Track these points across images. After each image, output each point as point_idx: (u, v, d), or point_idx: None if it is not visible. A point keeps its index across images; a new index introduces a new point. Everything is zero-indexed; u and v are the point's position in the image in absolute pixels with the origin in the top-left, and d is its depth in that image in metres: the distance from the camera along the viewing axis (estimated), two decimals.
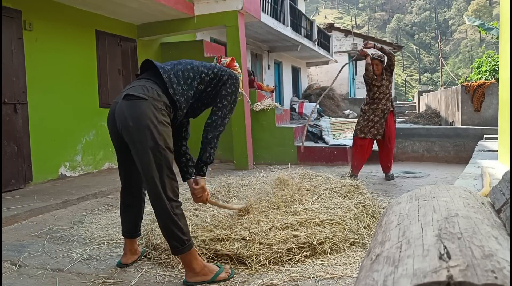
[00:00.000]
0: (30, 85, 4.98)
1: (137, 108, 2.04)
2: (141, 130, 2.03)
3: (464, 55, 63.95)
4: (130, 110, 2.06)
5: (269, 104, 7.21)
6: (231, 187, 3.92)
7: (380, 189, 4.68)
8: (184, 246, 2.14)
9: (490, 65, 10.69)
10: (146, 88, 2.10)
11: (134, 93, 2.08)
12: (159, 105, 2.08)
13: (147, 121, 2.03)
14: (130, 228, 2.50)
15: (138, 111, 2.04)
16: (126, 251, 2.51)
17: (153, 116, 2.04)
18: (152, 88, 2.10)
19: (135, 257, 2.54)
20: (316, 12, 74.04)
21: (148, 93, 2.07)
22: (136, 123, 2.03)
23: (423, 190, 1.23)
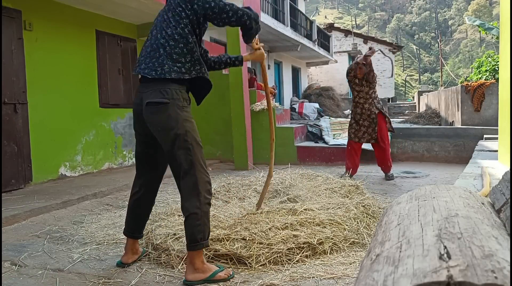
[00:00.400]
0: (30, 85, 4.98)
1: (162, 113, 2.16)
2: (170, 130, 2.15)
3: (464, 55, 63.97)
4: (156, 116, 2.18)
5: None
6: (231, 187, 3.92)
7: (380, 189, 4.68)
8: (203, 242, 2.19)
9: (490, 65, 10.69)
10: (165, 90, 2.17)
11: (154, 99, 2.17)
12: (180, 103, 2.20)
13: (173, 123, 2.15)
14: (133, 228, 2.50)
15: (164, 116, 2.16)
16: (127, 250, 2.51)
17: (178, 115, 2.17)
18: (169, 89, 2.18)
19: (136, 257, 2.53)
20: (316, 12, 74.04)
21: (167, 95, 2.17)
22: (165, 126, 2.16)
23: (423, 190, 1.23)
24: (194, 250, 2.19)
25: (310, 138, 7.93)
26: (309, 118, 11.27)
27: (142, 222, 2.54)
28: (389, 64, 23.09)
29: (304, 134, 7.92)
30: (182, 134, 2.17)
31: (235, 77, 6.56)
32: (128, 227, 2.52)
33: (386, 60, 22.96)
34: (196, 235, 2.17)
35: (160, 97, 2.17)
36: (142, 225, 2.55)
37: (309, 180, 3.90)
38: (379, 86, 20.82)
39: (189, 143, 2.20)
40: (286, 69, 14.31)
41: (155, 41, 2.24)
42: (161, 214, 3.23)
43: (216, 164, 7.09)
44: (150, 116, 2.20)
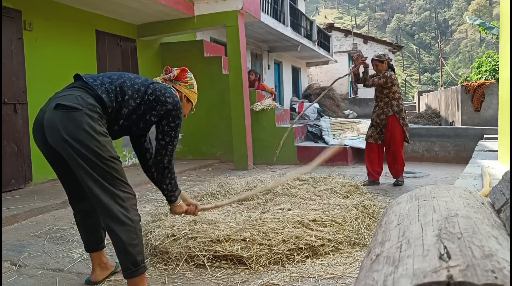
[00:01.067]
0: (30, 85, 4.98)
1: (72, 119, 1.82)
2: (79, 143, 1.82)
3: (464, 55, 63.98)
4: (64, 122, 1.83)
5: (269, 104, 7.22)
6: (231, 187, 3.92)
7: (380, 189, 4.68)
8: (136, 268, 1.93)
9: (490, 65, 10.69)
10: (81, 97, 1.88)
11: (67, 103, 1.84)
12: (95, 115, 1.88)
13: (85, 134, 1.82)
14: (91, 240, 2.24)
15: (74, 123, 1.82)
16: (93, 267, 2.27)
17: (90, 127, 1.83)
18: (88, 98, 1.89)
19: (107, 273, 2.30)
20: (316, 12, 74.05)
21: (82, 103, 1.86)
22: (74, 136, 1.81)
23: (423, 190, 1.23)
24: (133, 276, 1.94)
25: (310, 138, 7.93)
26: (309, 118, 11.27)
27: (96, 231, 2.25)
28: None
29: (304, 134, 7.92)
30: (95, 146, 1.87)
31: (235, 77, 6.56)
32: (85, 242, 2.26)
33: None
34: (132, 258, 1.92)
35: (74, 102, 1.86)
36: (98, 234, 2.26)
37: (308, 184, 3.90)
38: None
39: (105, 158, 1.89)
40: (286, 69, 14.31)
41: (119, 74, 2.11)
42: (160, 214, 3.23)
43: (216, 164, 7.09)
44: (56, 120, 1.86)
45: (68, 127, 1.82)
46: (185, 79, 2.32)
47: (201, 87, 8.47)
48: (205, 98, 7.36)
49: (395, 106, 4.82)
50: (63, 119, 1.83)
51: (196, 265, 2.43)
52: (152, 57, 7.38)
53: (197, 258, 2.44)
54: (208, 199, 3.58)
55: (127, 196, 1.94)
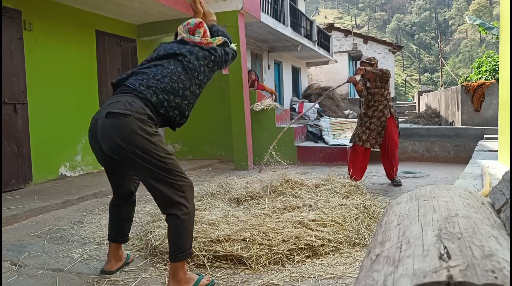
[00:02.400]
0: (30, 85, 4.98)
1: (124, 125, 1.92)
2: (135, 147, 1.92)
3: (464, 55, 63.97)
4: (116, 129, 1.92)
5: (269, 104, 7.22)
6: (231, 187, 3.92)
7: (380, 189, 4.68)
8: (185, 253, 2.06)
9: (490, 65, 10.69)
10: (129, 103, 1.97)
11: (116, 110, 1.94)
12: (144, 117, 1.97)
13: (139, 137, 1.92)
14: (118, 231, 2.38)
15: (126, 129, 1.91)
16: (110, 257, 2.39)
17: (142, 130, 1.93)
18: (135, 102, 1.98)
19: (120, 264, 2.42)
20: (316, 12, 74.05)
21: (131, 108, 1.95)
22: (129, 141, 1.91)
23: (423, 190, 1.23)
24: (181, 260, 2.06)
25: (310, 138, 7.93)
26: (309, 118, 11.27)
27: (125, 225, 2.40)
28: (388, 64, 23.09)
29: (304, 134, 7.92)
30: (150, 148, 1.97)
31: (235, 77, 6.57)
32: (113, 232, 2.39)
33: (386, 60, 22.97)
34: (185, 244, 2.05)
35: (123, 108, 1.95)
36: (127, 228, 2.42)
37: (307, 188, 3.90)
38: None
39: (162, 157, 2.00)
40: (286, 69, 14.30)
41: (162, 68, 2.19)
42: (160, 214, 3.22)
43: (216, 164, 7.09)
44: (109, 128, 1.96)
45: (122, 134, 1.92)
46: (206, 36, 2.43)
47: None
48: (205, 98, 7.35)
49: (392, 107, 4.88)
50: (115, 126, 1.93)
51: (196, 265, 2.43)
52: None
53: (197, 258, 2.44)
54: (208, 199, 3.58)
55: (187, 186, 2.07)
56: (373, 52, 22.73)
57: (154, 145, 1.96)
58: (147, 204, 4.12)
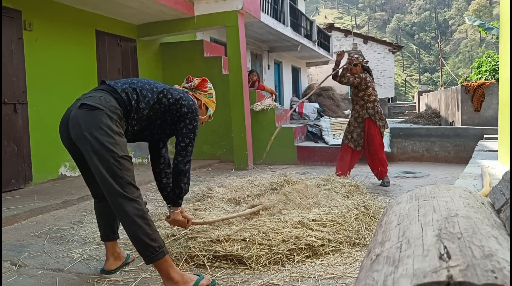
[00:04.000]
0: (30, 85, 4.98)
1: (93, 117, 1.99)
2: (97, 139, 1.96)
3: (464, 55, 63.97)
4: (85, 119, 1.99)
5: (269, 104, 7.22)
6: (231, 187, 3.92)
7: (380, 189, 4.68)
8: (156, 253, 2.01)
9: (490, 65, 10.69)
10: (104, 98, 2.05)
11: (90, 102, 2.01)
12: (115, 116, 2.03)
13: (102, 131, 1.97)
14: (106, 230, 2.39)
15: (94, 121, 1.98)
16: (108, 256, 2.39)
17: (108, 127, 1.99)
18: (110, 100, 2.05)
19: (119, 263, 2.42)
20: (316, 12, 74.06)
21: (104, 104, 2.02)
22: (91, 132, 1.97)
23: (423, 190, 1.23)
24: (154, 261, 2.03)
25: (310, 138, 7.93)
26: (309, 118, 11.27)
27: (111, 222, 2.39)
28: (389, 64, 23.09)
29: (304, 134, 7.92)
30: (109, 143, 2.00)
31: (235, 77, 6.57)
32: (102, 231, 2.40)
33: (386, 60, 22.95)
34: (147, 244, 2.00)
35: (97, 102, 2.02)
36: (113, 225, 2.40)
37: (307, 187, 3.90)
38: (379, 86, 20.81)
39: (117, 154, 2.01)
40: (286, 69, 14.31)
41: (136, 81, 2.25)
42: (160, 214, 3.23)
43: (216, 164, 7.09)
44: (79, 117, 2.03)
45: (88, 124, 1.98)
46: (205, 89, 2.51)
47: None
48: None
49: (370, 108, 4.79)
50: (85, 117, 2.00)
51: (196, 265, 2.43)
52: (152, 57, 7.38)
53: (197, 258, 2.44)
54: (208, 199, 3.58)
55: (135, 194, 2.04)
56: (373, 52, 22.72)
57: (114, 141, 1.99)
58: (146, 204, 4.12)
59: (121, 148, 2.02)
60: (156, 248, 2.01)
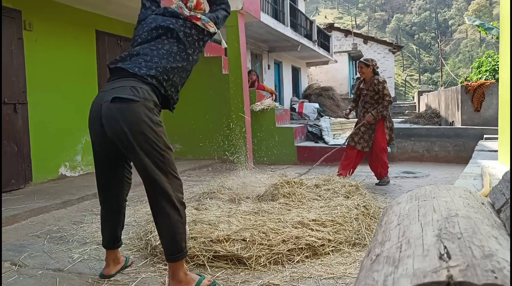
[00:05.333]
0: (30, 85, 4.98)
1: (131, 111, 1.91)
2: (139, 134, 1.92)
3: (464, 55, 63.98)
4: (123, 114, 1.91)
5: (269, 104, 7.22)
6: (231, 187, 3.92)
7: (380, 189, 4.68)
8: (182, 253, 2.03)
9: (490, 65, 10.69)
10: (135, 88, 1.96)
11: (123, 95, 1.93)
12: (151, 105, 1.98)
13: (144, 125, 1.92)
14: (111, 239, 2.32)
15: (133, 115, 1.91)
16: (108, 261, 2.35)
17: (148, 118, 1.94)
18: (141, 88, 1.98)
19: (119, 267, 2.38)
20: (316, 12, 74.06)
21: (138, 94, 1.95)
22: (133, 127, 1.91)
23: (423, 190, 1.23)
24: (177, 261, 2.03)
25: (310, 138, 7.93)
26: (309, 118, 11.27)
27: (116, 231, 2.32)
28: (389, 64, 23.08)
29: (304, 134, 7.92)
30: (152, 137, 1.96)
31: (235, 77, 6.56)
32: (106, 239, 2.32)
33: (386, 60, 22.96)
34: (180, 243, 2.01)
35: (130, 94, 1.93)
36: (117, 234, 2.34)
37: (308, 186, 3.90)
38: None
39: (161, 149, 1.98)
40: (286, 69, 14.30)
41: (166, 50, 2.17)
42: None
43: (216, 164, 7.09)
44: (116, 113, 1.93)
45: (129, 119, 1.91)
46: (200, 7, 2.50)
47: (201, 87, 8.48)
48: (205, 98, 7.36)
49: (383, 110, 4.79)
50: (123, 111, 1.92)
51: (196, 265, 2.43)
52: None
53: (197, 258, 2.44)
54: (208, 199, 3.58)
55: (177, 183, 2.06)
56: (373, 52, 22.72)
57: (157, 135, 1.96)
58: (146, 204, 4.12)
59: (163, 139, 1.99)
60: (183, 248, 2.04)
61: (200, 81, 7.28)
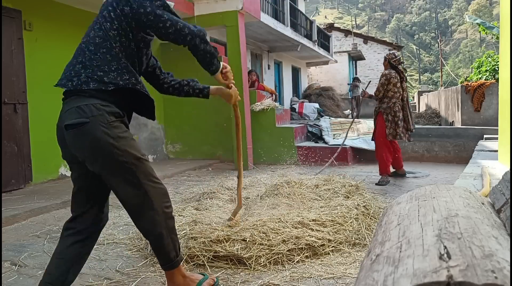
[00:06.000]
0: (30, 85, 4.98)
1: (84, 136, 1.71)
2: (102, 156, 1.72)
3: (464, 55, 64.00)
4: (78, 141, 1.72)
5: (269, 104, 7.22)
6: (231, 187, 3.92)
7: (380, 189, 4.68)
8: (174, 262, 1.94)
9: (490, 65, 10.70)
10: (80, 108, 1.73)
11: (71, 122, 1.72)
12: (105, 119, 1.73)
13: (102, 144, 1.71)
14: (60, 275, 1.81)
15: (88, 139, 1.71)
16: None
17: (106, 135, 1.71)
18: (87, 105, 1.73)
19: None
20: (316, 12, 74.08)
21: (85, 114, 1.71)
22: (92, 151, 1.72)
23: (423, 190, 1.23)
24: (171, 269, 1.95)
25: (310, 138, 7.93)
26: (309, 118, 11.27)
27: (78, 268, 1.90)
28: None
29: (304, 134, 7.92)
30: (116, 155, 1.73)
31: (235, 77, 6.55)
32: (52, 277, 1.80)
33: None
34: (169, 254, 1.91)
35: (76, 118, 1.71)
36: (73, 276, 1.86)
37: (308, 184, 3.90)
38: None
39: (128, 163, 1.76)
40: (286, 69, 14.31)
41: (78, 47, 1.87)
42: None
43: (216, 164, 7.09)
44: (72, 141, 1.74)
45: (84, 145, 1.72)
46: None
47: None
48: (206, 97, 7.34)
49: (385, 103, 5.02)
50: (78, 137, 1.73)
51: (196, 265, 2.43)
52: None
53: (197, 258, 2.44)
54: (207, 199, 3.58)
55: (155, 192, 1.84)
56: (373, 52, 22.72)
57: (119, 150, 1.74)
58: None
59: (128, 152, 1.76)
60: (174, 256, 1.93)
61: (200, 81, 7.26)
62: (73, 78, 1.78)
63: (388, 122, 4.97)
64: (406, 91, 5.15)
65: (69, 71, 1.82)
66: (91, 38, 1.84)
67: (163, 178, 5.63)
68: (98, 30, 1.84)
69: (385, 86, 4.96)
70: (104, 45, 1.80)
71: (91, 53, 1.80)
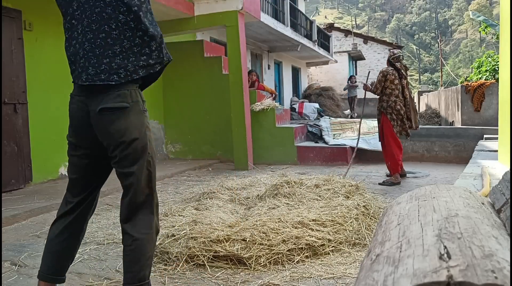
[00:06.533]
0: (30, 85, 4.98)
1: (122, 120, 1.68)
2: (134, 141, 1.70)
3: (464, 55, 64.02)
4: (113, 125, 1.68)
5: (269, 104, 7.22)
6: (231, 187, 3.92)
7: (380, 189, 4.68)
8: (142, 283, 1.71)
9: (490, 65, 10.70)
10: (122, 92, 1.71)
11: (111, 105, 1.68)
12: (142, 106, 1.75)
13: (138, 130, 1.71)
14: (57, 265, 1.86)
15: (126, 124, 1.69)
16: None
17: (140, 124, 1.72)
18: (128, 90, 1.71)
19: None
20: (316, 12, 74.09)
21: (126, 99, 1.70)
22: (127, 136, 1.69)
23: (423, 190, 1.23)
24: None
25: (310, 138, 7.93)
26: (309, 118, 11.27)
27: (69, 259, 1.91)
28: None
29: (304, 134, 7.92)
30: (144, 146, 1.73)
31: (235, 77, 6.56)
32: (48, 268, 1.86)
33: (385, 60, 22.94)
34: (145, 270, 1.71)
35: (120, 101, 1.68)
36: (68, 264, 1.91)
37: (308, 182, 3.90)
38: None
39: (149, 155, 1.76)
40: (286, 69, 14.31)
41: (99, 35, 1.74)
42: (160, 214, 3.22)
43: (216, 164, 7.09)
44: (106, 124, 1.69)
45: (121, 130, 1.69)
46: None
47: (201, 87, 8.47)
48: (205, 98, 7.36)
49: (384, 101, 5.04)
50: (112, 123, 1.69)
51: (196, 265, 2.43)
52: None
53: (197, 258, 2.44)
54: (207, 199, 3.58)
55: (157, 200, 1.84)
56: (373, 52, 22.71)
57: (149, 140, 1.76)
58: None
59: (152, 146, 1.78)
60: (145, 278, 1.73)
61: (200, 81, 7.27)
62: (119, 70, 1.68)
63: (393, 121, 5.00)
64: (408, 88, 5.13)
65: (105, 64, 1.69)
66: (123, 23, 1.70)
67: (163, 178, 5.62)
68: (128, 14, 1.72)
69: (382, 83, 5.00)
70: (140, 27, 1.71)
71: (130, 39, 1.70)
